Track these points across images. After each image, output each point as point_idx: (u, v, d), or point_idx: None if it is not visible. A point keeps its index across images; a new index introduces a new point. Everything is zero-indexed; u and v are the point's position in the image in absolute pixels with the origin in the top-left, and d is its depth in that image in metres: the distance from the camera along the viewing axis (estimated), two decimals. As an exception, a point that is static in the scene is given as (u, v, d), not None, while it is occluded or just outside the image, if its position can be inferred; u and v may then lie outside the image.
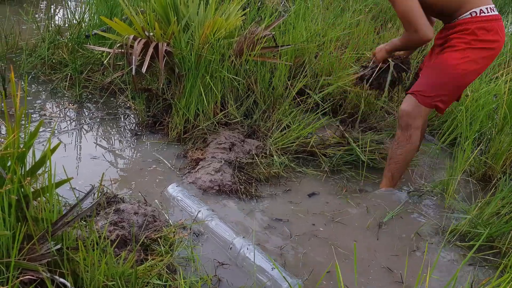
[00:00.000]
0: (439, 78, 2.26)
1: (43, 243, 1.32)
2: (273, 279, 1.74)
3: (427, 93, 2.27)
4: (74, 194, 1.54)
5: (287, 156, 2.67)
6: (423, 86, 2.29)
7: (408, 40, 2.31)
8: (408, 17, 2.19)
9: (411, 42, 2.32)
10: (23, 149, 1.31)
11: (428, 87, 2.28)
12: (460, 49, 2.21)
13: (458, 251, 2.12)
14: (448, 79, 2.25)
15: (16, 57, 3.59)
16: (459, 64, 2.21)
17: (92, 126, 2.93)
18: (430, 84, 2.28)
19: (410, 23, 2.20)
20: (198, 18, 2.82)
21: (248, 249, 1.85)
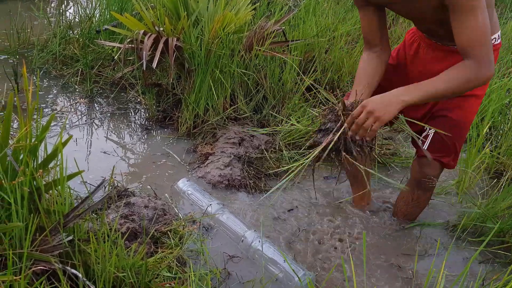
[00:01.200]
0: (463, 137, 1.87)
1: (55, 235, 1.34)
2: (285, 271, 1.75)
3: (455, 158, 1.89)
4: (86, 187, 1.55)
5: (296, 150, 2.67)
6: (446, 148, 1.85)
7: (468, 80, 1.53)
8: (486, 39, 1.50)
9: (470, 82, 1.54)
10: (35, 142, 1.33)
11: (451, 148, 1.86)
12: (478, 98, 1.83)
13: (468, 247, 2.11)
14: (466, 133, 1.90)
15: (28, 52, 3.62)
16: (474, 115, 1.87)
17: (102, 120, 2.95)
18: (453, 145, 1.85)
19: (486, 49, 1.51)
20: (208, 13, 2.83)
21: (259, 241, 1.87)
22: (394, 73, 1.95)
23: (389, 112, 1.51)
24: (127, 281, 1.43)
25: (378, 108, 1.51)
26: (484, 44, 1.50)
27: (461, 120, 1.82)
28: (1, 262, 1.27)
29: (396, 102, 1.52)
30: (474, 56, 1.51)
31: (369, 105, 1.52)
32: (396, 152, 2.82)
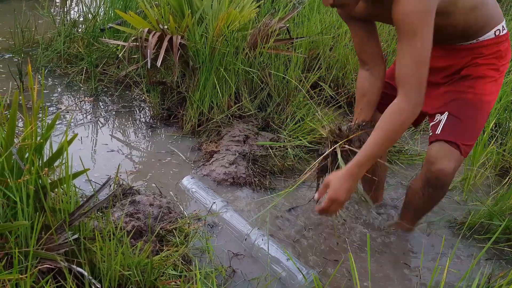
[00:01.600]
0: (479, 119, 1.73)
1: (60, 233, 1.34)
2: (288, 270, 1.74)
3: (470, 139, 1.71)
4: (91, 185, 1.55)
5: (301, 148, 2.66)
6: (462, 131, 1.70)
7: (401, 115, 1.55)
8: (418, 70, 1.51)
9: (404, 118, 1.55)
10: (40, 141, 1.33)
11: (469, 132, 1.71)
12: (492, 80, 1.73)
13: (474, 244, 2.10)
14: (484, 118, 1.76)
15: (33, 51, 3.63)
16: (493, 100, 1.75)
17: (107, 118, 2.96)
18: (471, 129, 1.71)
19: (420, 73, 1.52)
20: (212, 10, 2.82)
21: (263, 240, 1.86)
22: None
23: (348, 193, 1.63)
24: (132, 279, 1.43)
25: (338, 195, 1.62)
26: (416, 76, 1.52)
27: (475, 100, 1.70)
28: (7, 260, 1.27)
29: (352, 181, 1.62)
30: (404, 88, 1.54)
31: (330, 194, 1.63)
32: (402, 150, 2.81)
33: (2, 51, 3.63)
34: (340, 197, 1.62)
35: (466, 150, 1.69)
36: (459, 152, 1.67)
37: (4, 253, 1.26)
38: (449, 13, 1.59)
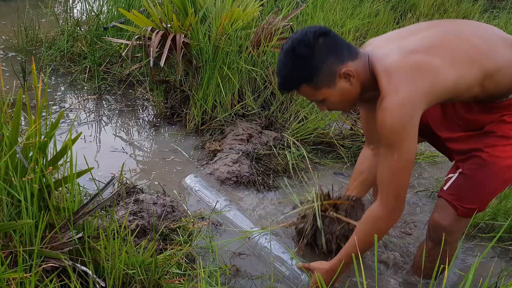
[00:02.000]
0: (491, 184, 1.57)
1: (64, 232, 1.34)
2: (291, 269, 1.74)
3: (471, 203, 1.59)
4: (95, 184, 1.55)
5: (304, 147, 2.66)
6: (465, 193, 1.59)
7: (376, 219, 1.56)
8: (403, 173, 1.49)
9: (382, 225, 1.56)
10: (44, 139, 1.33)
11: (475, 196, 1.59)
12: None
13: (479, 243, 2.10)
14: (498, 184, 1.60)
15: (36, 49, 3.63)
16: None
17: (111, 117, 2.96)
18: (478, 193, 1.59)
19: (397, 184, 1.50)
20: (215, 9, 2.82)
21: (266, 239, 1.86)
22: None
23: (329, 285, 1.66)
24: (136, 278, 1.43)
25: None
26: (392, 185, 1.50)
27: (490, 162, 1.55)
28: (12, 259, 1.27)
29: (334, 275, 1.63)
30: (381, 194, 1.53)
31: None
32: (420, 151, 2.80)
33: (6, 50, 3.63)
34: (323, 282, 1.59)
35: (465, 212, 1.59)
36: (456, 212, 1.60)
37: (9, 251, 1.27)
38: (456, 96, 1.51)
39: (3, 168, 1.27)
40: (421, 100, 1.42)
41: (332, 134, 2.71)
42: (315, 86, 1.51)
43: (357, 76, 1.50)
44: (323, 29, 1.49)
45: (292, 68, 1.50)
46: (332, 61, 1.47)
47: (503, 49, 1.49)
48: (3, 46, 3.68)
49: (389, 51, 1.50)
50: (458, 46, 1.49)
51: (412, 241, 2.08)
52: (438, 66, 1.44)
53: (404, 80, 1.42)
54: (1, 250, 1.23)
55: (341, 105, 1.60)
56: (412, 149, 1.46)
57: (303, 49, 1.46)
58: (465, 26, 1.62)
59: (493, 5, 6.45)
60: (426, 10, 5.00)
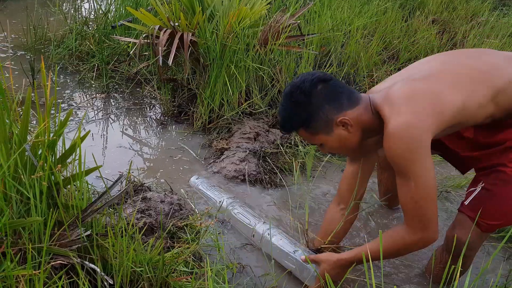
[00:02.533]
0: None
1: (73, 229, 1.35)
2: (297, 262, 1.74)
3: (495, 219, 1.56)
4: (103, 182, 1.56)
5: (312, 146, 2.66)
6: (489, 209, 1.56)
7: (405, 246, 1.50)
8: (427, 201, 1.42)
9: (404, 247, 1.51)
10: (53, 138, 1.34)
11: (496, 211, 1.56)
12: None
13: (490, 243, 2.08)
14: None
15: (45, 48, 3.65)
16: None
17: (118, 115, 2.97)
18: (502, 209, 1.56)
19: (423, 212, 1.43)
20: (222, 7, 2.82)
21: (269, 234, 1.87)
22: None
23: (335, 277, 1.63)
24: (144, 275, 1.44)
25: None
26: (417, 214, 1.44)
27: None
28: (21, 256, 1.28)
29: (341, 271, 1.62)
30: (408, 220, 1.48)
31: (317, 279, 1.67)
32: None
33: (15, 49, 3.65)
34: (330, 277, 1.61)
35: (489, 228, 1.58)
36: (479, 228, 1.58)
37: (18, 249, 1.28)
38: (470, 118, 1.48)
39: (13, 166, 1.28)
40: (427, 121, 1.37)
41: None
42: (312, 132, 1.53)
43: (357, 123, 1.49)
44: (322, 76, 1.49)
45: (289, 113, 1.52)
46: (329, 109, 1.48)
47: (507, 65, 1.47)
48: (12, 45, 3.70)
49: (387, 86, 1.50)
50: (457, 71, 1.48)
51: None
52: (440, 89, 1.42)
53: (406, 103, 1.40)
54: (10, 247, 1.24)
55: (340, 151, 1.60)
56: (428, 174, 1.39)
57: (299, 96, 1.47)
58: (463, 53, 1.62)
59: (502, 2, 6.39)
60: (434, 7, 4.97)
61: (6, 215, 1.21)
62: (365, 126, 1.50)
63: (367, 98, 1.51)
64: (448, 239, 1.68)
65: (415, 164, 1.37)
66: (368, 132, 1.52)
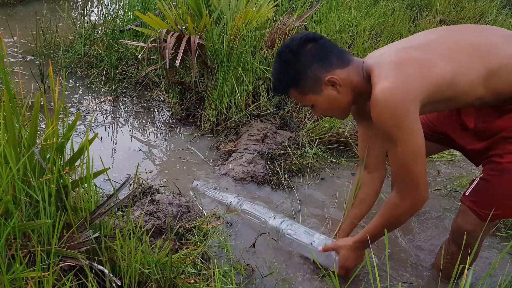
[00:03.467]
0: (511, 189, 1.53)
1: (82, 232, 1.36)
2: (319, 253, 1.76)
3: (492, 208, 1.55)
4: (111, 185, 1.57)
5: (320, 147, 2.66)
6: (486, 199, 1.56)
7: (398, 212, 1.53)
8: (414, 165, 1.43)
9: (400, 213, 1.54)
10: (62, 141, 1.35)
11: (493, 201, 1.55)
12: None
13: (498, 241, 2.07)
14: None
15: (54, 53, 3.69)
16: None
17: (127, 119, 2.99)
18: (500, 199, 1.54)
19: (410, 176, 1.45)
20: (229, 10, 2.83)
21: (287, 225, 1.88)
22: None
23: (356, 261, 1.70)
24: (152, 277, 1.44)
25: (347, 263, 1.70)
26: (405, 177, 1.46)
27: (510, 168, 1.51)
28: (30, 258, 1.29)
29: (359, 251, 1.68)
30: (397, 185, 1.51)
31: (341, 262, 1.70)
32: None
33: (24, 54, 3.69)
34: (349, 264, 1.70)
35: (486, 217, 1.55)
36: (478, 218, 1.58)
37: (27, 251, 1.29)
38: (460, 96, 1.44)
39: (22, 169, 1.30)
40: (413, 88, 1.36)
41: (347, 133, 2.70)
42: (302, 92, 1.54)
43: (346, 83, 1.49)
44: (311, 35, 1.50)
45: (279, 73, 1.53)
46: (317, 68, 1.48)
47: (505, 47, 1.43)
48: (21, 50, 3.74)
49: (383, 52, 1.50)
50: (454, 45, 1.46)
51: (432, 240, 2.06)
52: (433, 60, 1.41)
53: (394, 69, 1.39)
54: (20, 249, 1.25)
55: (331, 112, 1.60)
56: (415, 139, 1.40)
57: (288, 55, 1.49)
58: (465, 28, 1.59)
59: (510, 2, 6.35)
60: (442, 7, 4.95)
61: (15, 218, 1.23)
62: (355, 88, 1.51)
63: (359, 61, 1.52)
64: (452, 230, 1.70)
65: (400, 129, 1.38)
66: (360, 96, 1.52)
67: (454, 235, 1.69)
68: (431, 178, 2.52)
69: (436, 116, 1.81)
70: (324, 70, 1.48)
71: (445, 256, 1.77)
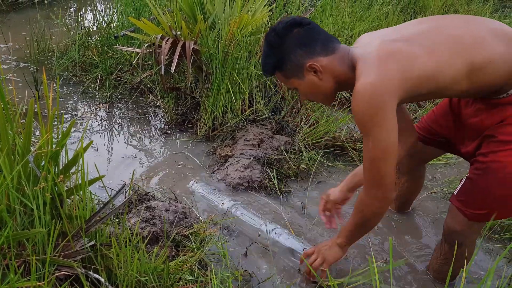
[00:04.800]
0: (498, 190, 1.50)
1: (77, 240, 1.35)
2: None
3: (479, 208, 1.55)
4: (107, 192, 1.56)
5: (316, 151, 2.65)
6: (472, 199, 1.56)
7: (365, 207, 1.55)
8: (382, 162, 1.44)
9: (365, 209, 1.55)
10: (56, 148, 1.34)
11: (479, 200, 1.55)
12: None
13: (495, 245, 2.07)
14: (510, 189, 1.49)
15: (48, 59, 3.67)
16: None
17: (122, 125, 2.98)
18: (485, 199, 1.53)
19: (376, 172, 1.46)
20: (224, 15, 2.83)
21: (276, 233, 1.87)
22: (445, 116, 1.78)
23: (333, 256, 1.70)
24: (149, 285, 1.43)
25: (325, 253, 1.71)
26: (371, 173, 1.48)
27: (494, 168, 1.49)
28: (25, 268, 1.28)
29: (338, 249, 1.70)
30: (365, 182, 1.53)
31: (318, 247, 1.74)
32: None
33: (18, 61, 3.68)
34: (328, 256, 1.70)
35: (476, 217, 1.56)
36: (465, 217, 1.58)
37: (22, 260, 1.28)
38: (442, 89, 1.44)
39: (16, 178, 1.29)
40: (392, 85, 1.37)
41: (343, 138, 2.70)
42: (285, 75, 1.56)
43: (328, 71, 1.50)
44: (299, 20, 1.51)
45: (266, 55, 1.56)
46: (300, 53, 1.50)
47: (493, 42, 1.41)
48: (15, 57, 3.73)
49: (370, 43, 1.49)
50: (439, 38, 1.45)
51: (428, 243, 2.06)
52: (415, 53, 1.41)
53: (376, 64, 1.40)
54: (14, 259, 1.24)
55: (314, 97, 1.61)
56: (388, 137, 1.40)
57: (273, 38, 1.51)
58: (454, 20, 1.57)
59: (504, 4, 6.39)
60: (436, 11, 4.97)
61: (9, 227, 1.21)
62: (338, 77, 1.51)
63: (345, 49, 1.52)
64: (443, 230, 1.71)
65: (374, 125, 1.39)
66: (344, 84, 1.53)
67: (445, 235, 1.71)
68: (427, 182, 2.52)
69: (434, 118, 1.82)
70: (306, 56, 1.50)
71: (439, 257, 1.78)
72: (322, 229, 2.10)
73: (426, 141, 1.86)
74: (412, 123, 1.80)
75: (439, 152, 1.91)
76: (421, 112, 3.17)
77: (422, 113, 3.14)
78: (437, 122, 1.81)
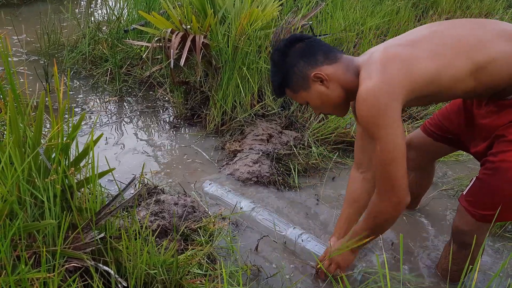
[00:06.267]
0: (506, 190, 1.48)
1: (87, 232, 1.35)
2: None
3: (487, 209, 1.52)
4: (117, 185, 1.56)
5: (325, 146, 2.64)
6: (481, 199, 1.55)
7: (378, 213, 1.53)
8: (392, 164, 1.42)
9: (379, 213, 1.53)
10: (67, 141, 1.34)
11: (487, 201, 1.53)
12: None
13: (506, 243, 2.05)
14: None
15: (58, 53, 3.69)
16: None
17: (132, 119, 2.98)
18: (490, 198, 1.52)
19: (387, 176, 1.45)
20: (234, 9, 2.82)
21: (302, 240, 1.87)
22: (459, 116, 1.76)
23: (345, 259, 1.72)
24: (158, 278, 1.43)
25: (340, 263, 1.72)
26: (384, 177, 1.46)
27: (503, 168, 1.47)
28: (35, 259, 1.28)
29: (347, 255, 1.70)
30: (377, 188, 1.52)
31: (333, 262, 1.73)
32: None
33: (29, 54, 3.69)
34: (340, 261, 1.71)
35: (483, 218, 1.55)
36: (473, 218, 1.57)
37: (32, 252, 1.28)
38: (446, 89, 1.43)
39: (27, 170, 1.29)
40: (396, 88, 1.37)
41: (353, 133, 2.69)
42: (293, 89, 1.57)
43: (334, 79, 1.51)
44: (299, 36, 1.55)
45: (273, 75, 1.59)
46: (303, 65, 1.51)
47: (499, 42, 1.41)
48: (26, 50, 3.74)
49: (375, 50, 1.50)
50: (442, 39, 1.45)
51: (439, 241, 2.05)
52: (416, 55, 1.41)
53: (378, 68, 1.40)
54: (25, 250, 1.24)
55: (326, 109, 1.60)
56: (395, 139, 1.39)
57: (276, 56, 1.55)
58: (463, 22, 1.56)
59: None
60: (448, 6, 4.92)
61: (20, 219, 1.22)
62: (346, 85, 1.52)
63: (349, 58, 1.53)
64: (452, 229, 1.70)
65: (380, 129, 1.39)
66: (353, 92, 1.51)
67: (454, 235, 1.70)
68: (437, 179, 2.50)
69: (447, 114, 1.80)
70: (309, 67, 1.51)
71: (447, 256, 1.77)
72: (331, 227, 2.09)
73: (436, 138, 1.85)
74: None
75: (449, 149, 1.89)
76: (432, 108, 3.15)
77: (433, 110, 3.12)
78: (449, 118, 1.79)
